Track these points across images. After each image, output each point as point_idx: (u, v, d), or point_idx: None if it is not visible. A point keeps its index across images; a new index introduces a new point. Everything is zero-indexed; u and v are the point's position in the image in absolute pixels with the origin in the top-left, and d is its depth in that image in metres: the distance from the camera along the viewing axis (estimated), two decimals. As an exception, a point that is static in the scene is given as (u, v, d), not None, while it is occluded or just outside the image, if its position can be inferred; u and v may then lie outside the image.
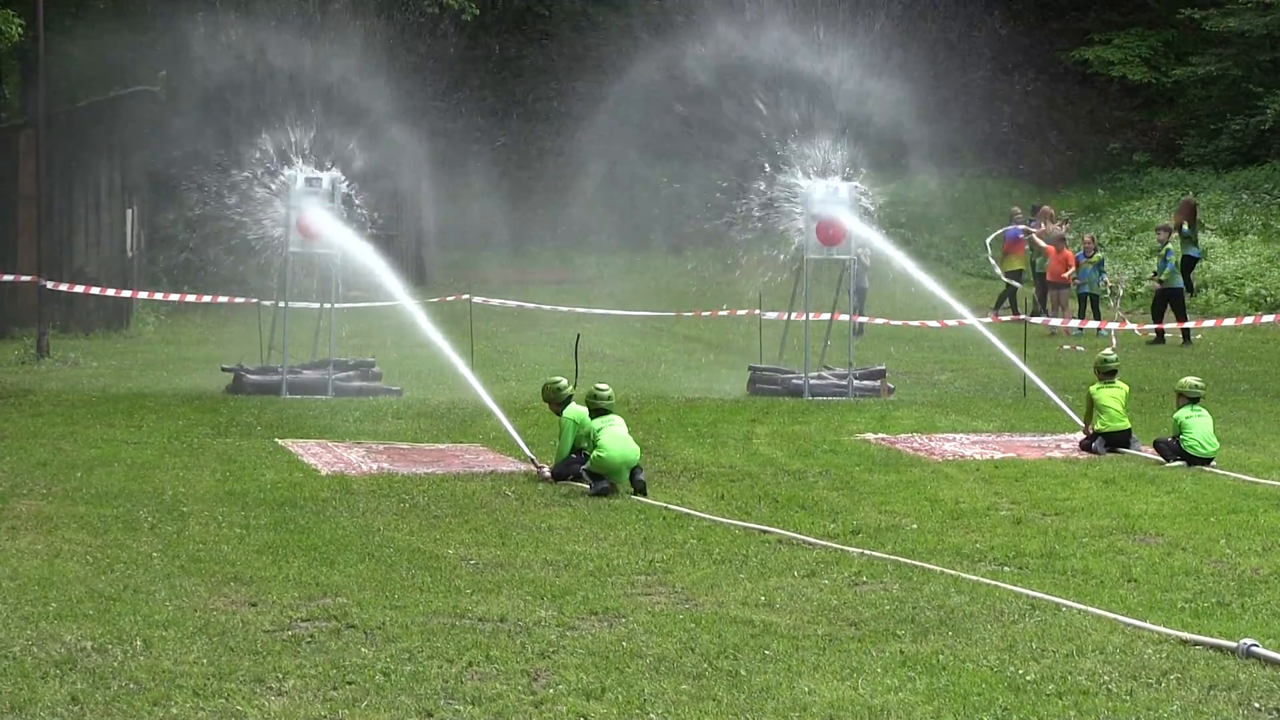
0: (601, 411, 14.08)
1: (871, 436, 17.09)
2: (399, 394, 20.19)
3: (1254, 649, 8.63)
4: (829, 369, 21.58)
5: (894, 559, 11.04)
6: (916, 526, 12.31)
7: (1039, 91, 47.73)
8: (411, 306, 19.62)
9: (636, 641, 8.90)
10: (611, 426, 13.90)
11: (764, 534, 11.96)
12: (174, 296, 26.55)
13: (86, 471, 14.12)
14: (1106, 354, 17.01)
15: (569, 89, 43.25)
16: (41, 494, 13.10)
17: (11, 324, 27.40)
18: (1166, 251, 27.94)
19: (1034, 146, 46.78)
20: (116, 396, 19.63)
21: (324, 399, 19.66)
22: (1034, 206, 35.50)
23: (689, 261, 37.61)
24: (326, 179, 20.23)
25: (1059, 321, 27.26)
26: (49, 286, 24.69)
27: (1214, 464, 15.08)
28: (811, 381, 20.68)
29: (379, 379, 20.73)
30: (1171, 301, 27.84)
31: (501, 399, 17.45)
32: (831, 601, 9.90)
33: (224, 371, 20.66)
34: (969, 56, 44.45)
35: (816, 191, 20.60)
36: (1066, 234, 31.80)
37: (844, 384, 20.81)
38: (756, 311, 23.24)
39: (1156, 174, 42.67)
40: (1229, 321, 26.25)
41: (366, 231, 20.92)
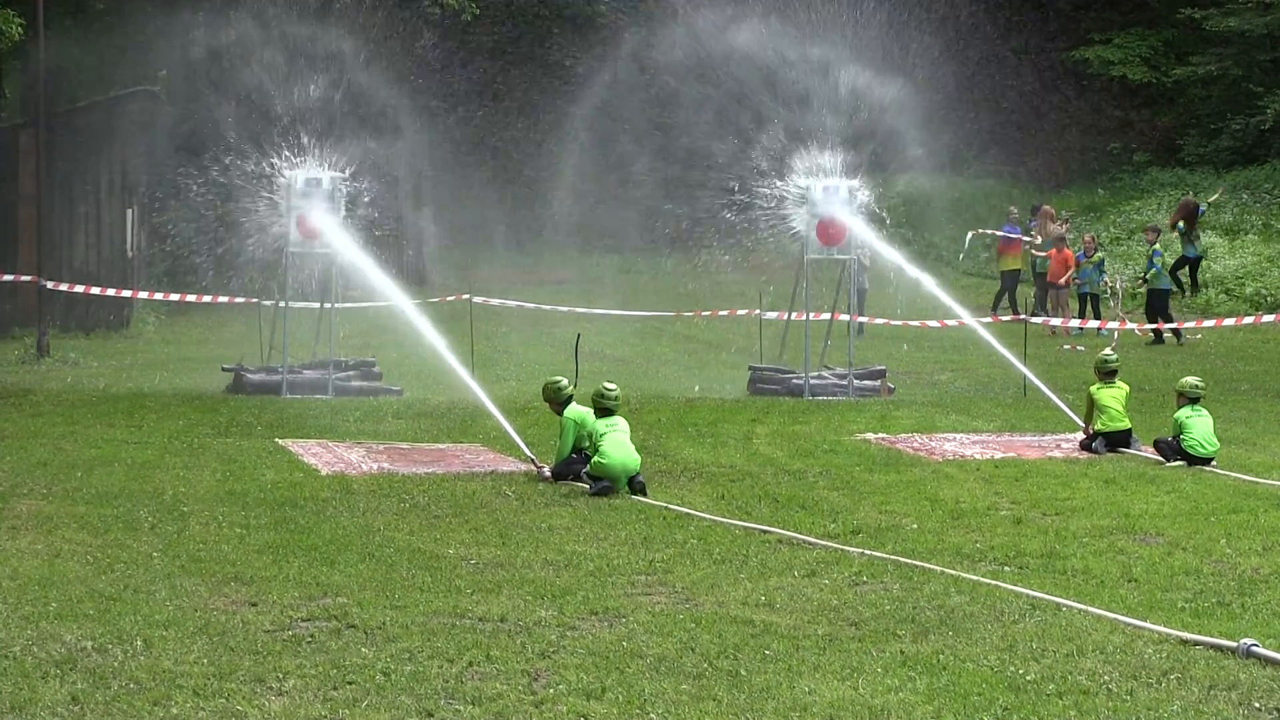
0: (607, 412, 14.02)
1: (872, 436, 17.08)
2: (399, 394, 20.21)
3: (1254, 649, 8.63)
4: (829, 369, 21.59)
5: (894, 559, 11.04)
6: (917, 526, 12.31)
7: (1039, 91, 47.69)
8: (411, 311, 19.58)
9: (637, 641, 8.90)
10: (615, 431, 13.82)
11: (764, 534, 11.96)
12: (174, 296, 26.52)
13: (87, 471, 14.12)
14: (1107, 354, 17.02)
15: (570, 89, 43.23)
16: (42, 494, 13.10)
17: (11, 324, 27.35)
18: (1154, 252, 27.91)
19: (1034, 146, 46.74)
20: (117, 396, 19.63)
21: (324, 399, 19.66)
22: (1034, 206, 35.47)
23: (691, 261, 37.57)
24: (326, 179, 20.24)
25: (1059, 321, 27.26)
26: (49, 286, 24.68)
27: (1214, 464, 15.08)
28: (812, 381, 20.69)
29: (379, 379, 20.75)
30: (1157, 302, 27.74)
31: (501, 399, 17.45)
32: (832, 601, 9.90)
33: (224, 371, 20.67)
34: (969, 56, 44.43)
35: (817, 191, 20.61)
36: (1066, 234, 31.80)
37: (844, 384, 20.82)
38: (756, 311, 23.23)
39: (1156, 174, 42.62)
40: (1229, 321, 26.24)
41: (371, 234, 20.91)
